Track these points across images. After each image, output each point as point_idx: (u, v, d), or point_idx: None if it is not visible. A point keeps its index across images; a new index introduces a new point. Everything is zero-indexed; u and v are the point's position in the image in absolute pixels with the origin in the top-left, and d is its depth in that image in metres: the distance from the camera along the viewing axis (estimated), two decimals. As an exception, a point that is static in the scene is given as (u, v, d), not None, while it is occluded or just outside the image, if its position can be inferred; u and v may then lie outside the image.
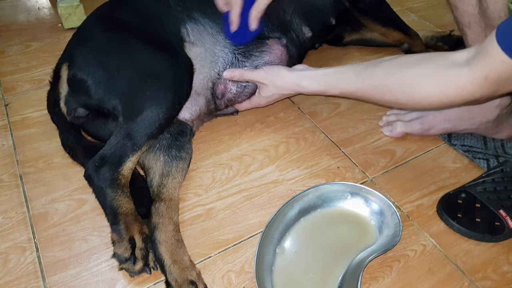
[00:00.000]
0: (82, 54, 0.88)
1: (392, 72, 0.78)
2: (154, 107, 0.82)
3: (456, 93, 0.69)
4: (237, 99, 1.02)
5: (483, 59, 0.64)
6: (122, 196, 0.79)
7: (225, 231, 0.83)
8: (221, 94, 0.99)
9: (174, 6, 0.97)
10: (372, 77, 0.81)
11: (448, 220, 0.84)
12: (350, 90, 0.86)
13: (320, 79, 0.90)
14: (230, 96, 1.01)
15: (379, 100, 0.83)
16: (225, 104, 1.02)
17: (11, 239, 0.82)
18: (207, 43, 0.97)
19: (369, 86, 0.82)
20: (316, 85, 0.91)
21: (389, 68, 0.79)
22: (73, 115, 0.93)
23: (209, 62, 0.97)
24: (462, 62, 0.68)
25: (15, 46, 1.35)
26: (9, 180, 0.93)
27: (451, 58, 0.70)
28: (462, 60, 0.68)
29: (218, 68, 0.98)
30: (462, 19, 0.92)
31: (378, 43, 1.31)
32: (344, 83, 0.86)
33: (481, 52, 0.65)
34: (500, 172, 0.88)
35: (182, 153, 0.92)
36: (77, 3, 1.40)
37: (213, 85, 0.98)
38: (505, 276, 0.77)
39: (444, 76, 0.70)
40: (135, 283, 0.76)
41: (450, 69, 0.69)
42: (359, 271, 0.72)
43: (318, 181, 0.93)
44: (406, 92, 0.76)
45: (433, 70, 0.72)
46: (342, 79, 0.87)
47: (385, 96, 0.80)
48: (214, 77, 0.98)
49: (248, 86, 1.01)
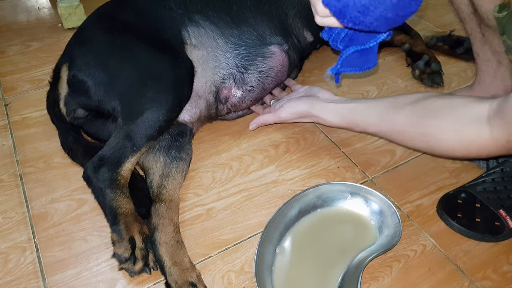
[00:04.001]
0: (82, 55, 0.88)
1: (414, 122, 0.77)
2: (154, 108, 0.82)
3: (479, 150, 0.68)
4: (241, 104, 1.01)
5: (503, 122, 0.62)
6: (121, 196, 0.79)
7: (225, 231, 0.83)
8: (225, 98, 0.98)
9: (176, 9, 0.96)
10: (394, 122, 0.80)
11: (448, 220, 0.84)
12: (372, 131, 0.87)
13: (341, 115, 0.90)
14: (235, 100, 1.00)
15: (402, 145, 0.84)
16: (227, 110, 1.01)
17: (11, 239, 0.82)
18: (209, 46, 0.96)
19: (391, 131, 0.82)
20: (337, 122, 0.91)
21: (411, 116, 0.77)
22: (72, 115, 0.93)
23: (212, 67, 0.96)
24: (484, 118, 0.65)
25: (15, 46, 1.35)
26: (9, 180, 0.93)
27: (473, 111, 0.68)
28: (484, 115, 0.65)
29: (222, 73, 0.97)
30: (458, 14, 0.95)
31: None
32: (367, 123, 0.86)
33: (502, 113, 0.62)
34: (500, 172, 0.88)
35: (182, 154, 0.92)
36: (77, 3, 1.40)
37: (217, 90, 0.97)
38: (505, 276, 0.77)
39: (466, 133, 0.68)
40: (135, 283, 0.76)
41: (472, 125, 0.67)
42: (359, 271, 0.72)
43: (318, 181, 0.93)
44: (428, 143, 0.75)
45: (454, 125, 0.70)
46: (365, 119, 0.86)
47: (407, 143, 0.81)
48: (218, 81, 0.97)
49: (253, 91, 1.00)
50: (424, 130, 0.75)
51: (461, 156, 0.73)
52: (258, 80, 0.99)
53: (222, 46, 0.97)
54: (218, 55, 0.97)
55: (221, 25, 0.97)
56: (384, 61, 1.29)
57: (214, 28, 0.97)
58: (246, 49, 0.98)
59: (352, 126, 0.91)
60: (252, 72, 0.99)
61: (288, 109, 0.97)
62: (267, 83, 1.01)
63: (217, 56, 0.97)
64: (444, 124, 0.71)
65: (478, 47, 0.96)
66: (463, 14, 0.93)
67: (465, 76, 1.22)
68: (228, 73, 0.97)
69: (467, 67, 1.25)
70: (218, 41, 0.97)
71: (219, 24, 0.97)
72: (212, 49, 0.96)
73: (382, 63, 1.28)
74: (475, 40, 0.96)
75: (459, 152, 0.72)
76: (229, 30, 0.98)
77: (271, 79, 1.01)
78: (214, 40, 0.97)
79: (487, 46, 0.93)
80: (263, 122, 1.03)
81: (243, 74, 0.98)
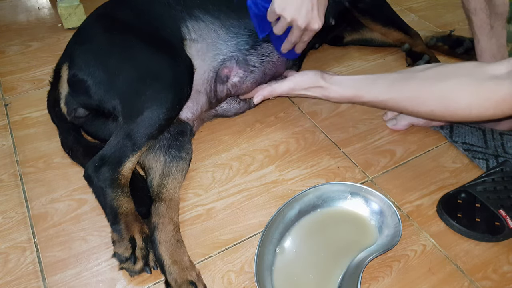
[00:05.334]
0: (83, 54, 0.88)
1: (428, 84, 0.76)
2: (154, 107, 0.82)
3: (496, 106, 0.67)
4: (241, 85, 1.00)
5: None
6: (122, 196, 0.79)
7: (225, 231, 0.83)
8: (226, 77, 0.98)
9: (174, 5, 0.97)
10: (407, 88, 0.79)
11: (448, 220, 0.84)
12: (381, 99, 0.84)
13: (348, 85, 0.89)
14: (236, 80, 0.99)
15: (411, 111, 0.82)
16: (227, 91, 1.00)
17: (11, 239, 0.82)
18: (209, 38, 0.97)
19: (403, 97, 0.80)
20: (343, 91, 0.89)
21: (425, 80, 0.77)
22: (73, 115, 0.93)
23: (211, 55, 0.97)
24: (503, 74, 0.66)
25: (15, 46, 1.35)
26: (9, 180, 0.93)
27: (489, 71, 0.68)
28: (502, 72, 0.66)
29: (223, 58, 0.97)
30: (468, 5, 0.93)
31: (378, 43, 1.31)
32: (376, 92, 0.85)
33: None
34: (500, 171, 0.88)
35: (182, 153, 0.92)
36: (77, 3, 1.40)
37: (216, 74, 0.97)
38: (505, 276, 0.77)
39: (484, 89, 0.68)
40: (135, 283, 0.76)
41: (490, 82, 0.67)
42: (359, 271, 0.72)
43: (318, 181, 0.93)
44: (443, 104, 0.74)
45: (471, 82, 0.70)
46: (373, 88, 0.85)
47: (420, 107, 0.79)
48: (217, 66, 0.97)
49: (254, 72, 1.00)
50: (439, 91, 0.74)
51: (477, 115, 0.71)
52: (260, 61, 1.00)
53: (223, 36, 0.98)
54: (218, 44, 0.97)
55: (222, 17, 0.98)
56: (384, 61, 1.29)
57: (215, 21, 0.98)
58: (249, 37, 0.99)
59: (358, 96, 0.87)
60: (255, 54, 0.99)
61: (296, 78, 0.95)
62: (268, 68, 1.02)
63: (217, 45, 0.97)
64: (461, 82, 0.71)
65: (485, 41, 0.95)
66: (475, 4, 0.91)
67: (465, 76, 1.22)
68: (230, 56, 0.98)
69: (467, 67, 1.25)
70: (219, 32, 0.98)
71: (220, 17, 0.98)
72: (212, 40, 0.97)
73: (382, 63, 1.28)
74: (482, 35, 0.95)
75: (475, 110, 0.70)
76: (230, 21, 0.98)
77: (272, 64, 1.02)
78: (215, 31, 0.97)
79: (494, 40, 0.93)
80: (270, 93, 0.98)
81: (246, 56, 0.99)
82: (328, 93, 0.91)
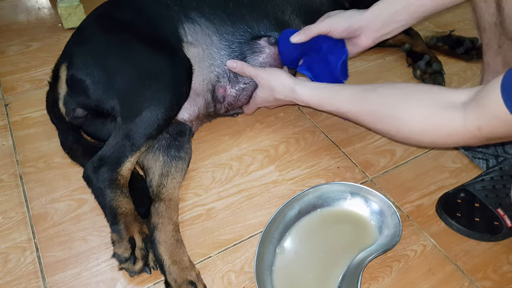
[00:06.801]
0: (81, 55, 0.88)
1: (386, 102, 0.75)
2: (153, 107, 0.82)
3: (448, 136, 0.66)
4: (236, 102, 1.01)
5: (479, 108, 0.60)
6: (121, 196, 0.79)
7: (225, 231, 0.83)
8: (222, 97, 0.99)
9: (172, 6, 0.96)
10: (367, 102, 0.78)
11: (447, 219, 0.84)
12: (342, 111, 0.83)
13: (316, 91, 0.87)
14: (230, 99, 1.00)
15: (370, 127, 0.81)
16: (225, 108, 1.01)
17: (11, 239, 0.82)
18: (204, 43, 0.97)
19: (362, 111, 0.79)
20: (311, 96, 0.88)
21: (384, 97, 0.76)
22: (72, 115, 0.93)
23: (208, 65, 0.97)
24: (459, 104, 0.64)
25: (15, 46, 1.35)
26: (9, 180, 0.93)
27: (448, 97, 0.66)
28: (459, 101, 0.64)
29: (217, 71, 0.97)
30: (477, 22, 0.92)
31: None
32: (339, 102, 0.83)
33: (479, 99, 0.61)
34: (499, 170, 0.88)
35: (181, 153, 0.92)
36: (77, 3, 1.40)
37: (213, 88, 0.98)
38: (505, 276, 0.77)
39: (439, 117, 0.66)
40: (135, 283, 0.76)
41: (445, 110, 0.65)
42: (359, 271, 0.72)
43: (318, 181, 0.93)
44: (397, 126, 0.72)
45: (428, 108, 0.68)
46: (338, 98, 0.84)
47: (376, 125, 0.78)
48: (213, 80, 0.97)
49: (246, 89, 1.00)
50: (396, 111, 0.72)
51: (428, 142, 0.70)
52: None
53: (217, 43, 0.97)
54: (213, 52, 0.97)
55: (216, 22, 0.97)
56: (384, 61, 1.29)
57: (209, 25, 0.97)
58: (239, 46, 0.98)
59: (322, 104, 0.86)
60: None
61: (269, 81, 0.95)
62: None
63: (212, 54, 0.97)
64: (417, 107, 0.69)
65: (491, 57, 0.94)
66: (484, 23, 0.90)
67: (465, 76, 1.22)
68: (222, 71, 0.97)
69: (467, 67, 1.25)
70: (212, 38, 0.97)
71: (215, 21, 0.97)
72: (207, 46, 0.97)
73: (382, 63, 1.28)
74: (489, 50, 0.94)
75: (427, 137, 0.69)
76: (224, 27, 0.98)
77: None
78: (209, 37, 0.97)
79: (500, 57, 0.92)
80: (249, 110, 1.05)
81: (236, 73, 0.98)
82: (294, 94, 0.90)
